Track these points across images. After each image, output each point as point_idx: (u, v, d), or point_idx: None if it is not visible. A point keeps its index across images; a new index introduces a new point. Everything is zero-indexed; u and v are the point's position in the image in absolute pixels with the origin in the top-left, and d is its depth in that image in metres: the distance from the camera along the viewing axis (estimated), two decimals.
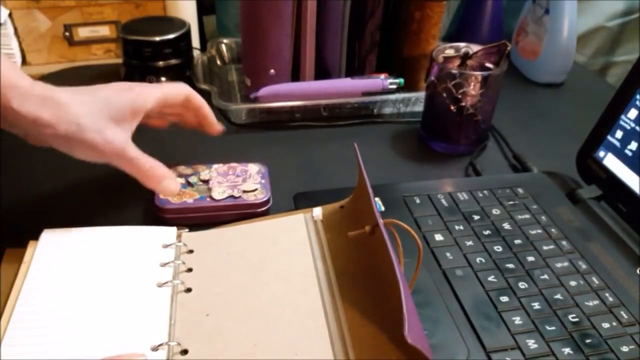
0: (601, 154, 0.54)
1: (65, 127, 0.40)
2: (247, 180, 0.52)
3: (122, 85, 0.45)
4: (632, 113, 0.51)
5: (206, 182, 0.51)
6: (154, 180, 0.45)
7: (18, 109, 0.39)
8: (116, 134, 0.43)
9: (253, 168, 0.54)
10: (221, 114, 0.64)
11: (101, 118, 0.42)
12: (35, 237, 0.43)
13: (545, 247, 0.47)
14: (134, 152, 0.44)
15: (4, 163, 0.56)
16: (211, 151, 0.58)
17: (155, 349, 0.36)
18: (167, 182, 0.46)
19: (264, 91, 0.65)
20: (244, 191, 0.50)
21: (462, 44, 0.62)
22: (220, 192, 0.50)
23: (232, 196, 0.50)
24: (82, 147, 0.42)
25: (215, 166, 0.53)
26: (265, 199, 0.50)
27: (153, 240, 0.44)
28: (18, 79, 0.39)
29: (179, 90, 0.49)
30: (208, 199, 0.49)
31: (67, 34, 0.79)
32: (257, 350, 0.37)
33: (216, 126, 0.52)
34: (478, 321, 0.40)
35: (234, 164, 0.54)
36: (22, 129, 0.41)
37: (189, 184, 0.51)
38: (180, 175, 0.52)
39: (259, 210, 0.50)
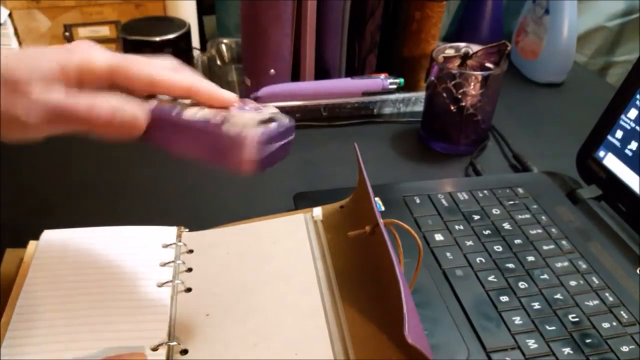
0: (601, 153, 0.54)
1: None
2: (252, 112, 0.33)
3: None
4: (632, 113, 0.51)
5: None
6: (98, 126, 0.31)
7: None
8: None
9: (282, 121, 0.33)
10: None
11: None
12: (35, 237, 0.43)
13: (545, 247, 0.47)
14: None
15: (4, 163, 0.56)
16: None
17: (155, 348, 0.36)
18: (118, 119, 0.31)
19: (264, 91, 0.65)
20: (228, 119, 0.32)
21: (462, 44, 0.62)
22: (193, 112, 0.33)
23: (206, 120, 0.32)
24: None
25: (246, 108, 0.34)
26: (252, 142, 0.30)
27: (153, 240, 0.44)
28: None
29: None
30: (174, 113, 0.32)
31: (67, 34, 0.79)
32: (257, 350, 0.37)
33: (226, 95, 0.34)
34: (478, 321, 0.40)
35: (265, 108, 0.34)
36: None
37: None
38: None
39: (237, 156, 0.31)
